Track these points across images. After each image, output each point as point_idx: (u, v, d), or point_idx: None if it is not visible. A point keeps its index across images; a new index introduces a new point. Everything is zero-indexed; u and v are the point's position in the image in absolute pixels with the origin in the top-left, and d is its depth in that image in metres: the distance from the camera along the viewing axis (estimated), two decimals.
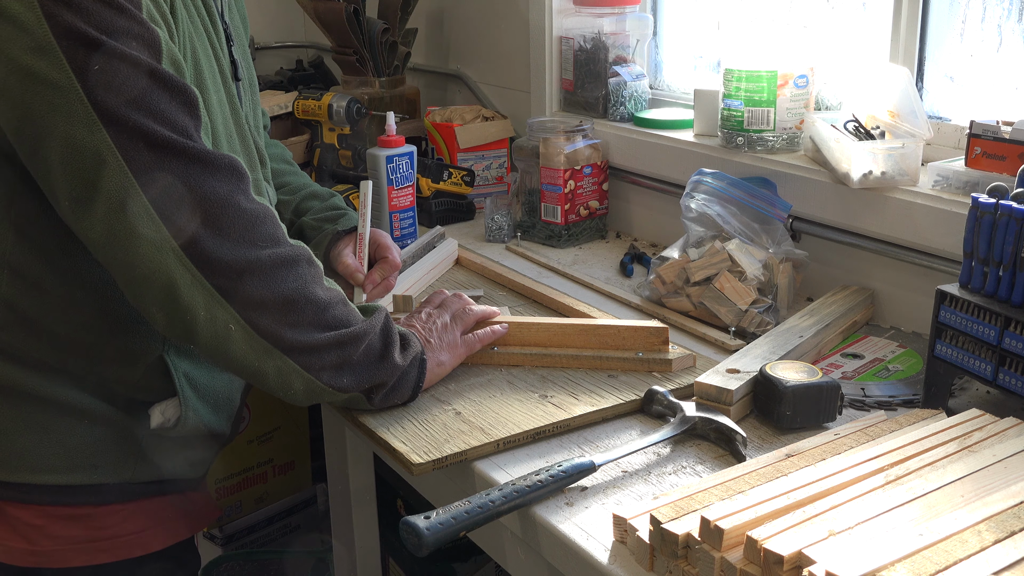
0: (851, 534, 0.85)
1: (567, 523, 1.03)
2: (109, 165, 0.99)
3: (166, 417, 1.19)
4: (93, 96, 0.98)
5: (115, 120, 0.99)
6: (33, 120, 0.99)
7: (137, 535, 1.20)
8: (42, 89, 0.98)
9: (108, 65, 0.99)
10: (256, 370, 1.10)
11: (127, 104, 1.00)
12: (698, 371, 1.31)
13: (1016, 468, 0.96)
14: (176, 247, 1.02)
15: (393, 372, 1.20)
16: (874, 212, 1.51)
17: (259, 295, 1.07)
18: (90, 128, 0.99)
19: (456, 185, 2.12)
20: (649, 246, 1.95)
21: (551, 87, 2.19)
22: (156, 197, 1.01)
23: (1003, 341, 1.13)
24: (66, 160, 1.00)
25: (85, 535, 1.17)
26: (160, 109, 1.01)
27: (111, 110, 0.99)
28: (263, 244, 1.08)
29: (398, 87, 2.45)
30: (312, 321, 1.11)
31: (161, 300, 1.05)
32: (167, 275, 1.03)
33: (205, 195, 1.04)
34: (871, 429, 1.12)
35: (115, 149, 0.99)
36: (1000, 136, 1.37)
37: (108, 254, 1.04)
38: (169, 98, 1.02)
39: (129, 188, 1.00)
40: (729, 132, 1.73)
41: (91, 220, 1.02)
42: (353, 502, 1.80)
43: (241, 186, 1.08)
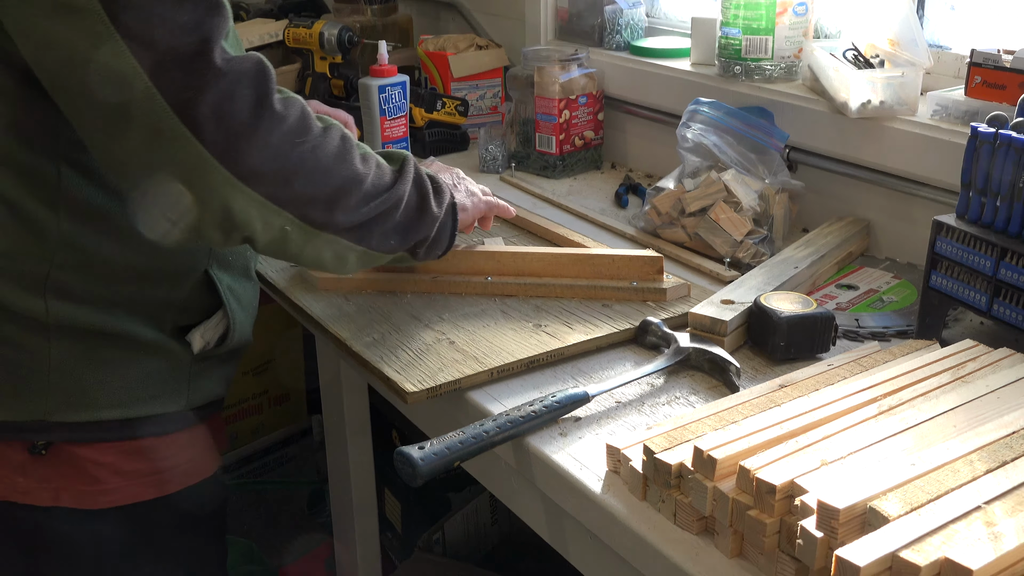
0: (843, 464, 0.85)
1: (561, 453, 1.04)
2: (137, 89, 0.94)
3: (206, 340, 1.20)
4: (114, 15, 0.93)
5: (139, 39, 0.94)
6: (52, 47, 0.94)
7: (193, 462, 1.22)
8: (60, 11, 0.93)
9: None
10: (314, 258, 1.12)
11: (149, 20, 0.94)
12: (692, 302, 1.31)
13: (1009, 399, 0.96)
14: (222, 169, 0.99)
15: (433, 223, 1.22)
16: (872, 142, 1.49)
17: (309, 193, 1.06)
18: (114, 50, 0.93)
19: (450, 115, 2.10)
20: (644, 177, 1.94)
21: (546, 15, 2.16)
22: (191, 118, 0.97)
23: (999, 272, 1.13)
24: (92, 88, 0.95)
25: (150, 467, 1.17)
26: (184, 24, 0.96)
27: (133, 28, 0.93)
28: (303, 141, 1.06)
29: (390, 15, 2.41)
30: (358, 199, 1.11)
31: (215, 221, 1.03)
32: (220, 198, 1.01)
33: (241, 107, 0.99)
34: (864, 360, 1.12)
35: (141, 71, 0.94)
36: (1001, 65, 1.35)
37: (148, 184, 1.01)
38: (192, 8, 0.97)
39: (161, 112, 0.95)
40: (726, 61, 1.70)
41: (126, 152, 0.98)
42: (348, 433, 1.81)
43: (272, 87, 1.03)
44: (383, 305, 1.36)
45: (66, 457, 1.13)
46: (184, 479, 1.21)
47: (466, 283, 1.38)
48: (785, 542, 0.83)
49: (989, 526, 0.75)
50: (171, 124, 0.96)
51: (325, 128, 1.09)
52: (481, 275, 1.39)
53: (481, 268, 1.40)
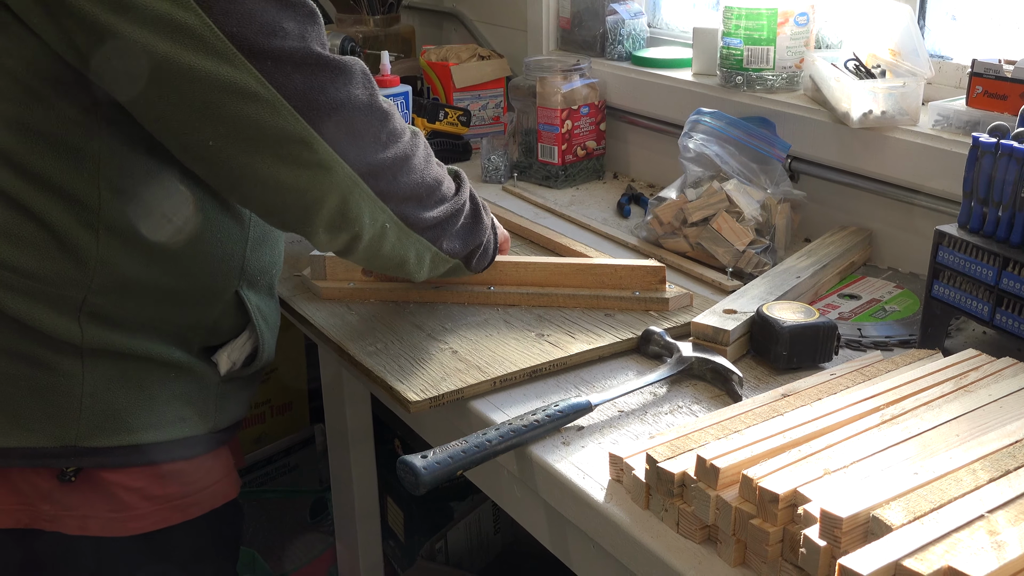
0: (846, 473, 0.85)
1: (563, 462, 1.04)
2: (263, 97, 0.96)
3: (233, 360, 1.19)
4: (227, 28, 0.94)
5: (257, 50, 0.95)
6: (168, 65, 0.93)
7: (218, 484, 1.21)
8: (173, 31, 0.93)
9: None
10: (401, 258, 1.17)
11: (264, 33, 0.96)
12: (695, 311, 1.31)
13: (1011, 408, 0.97)
14: (344, 165, 1.03)
15: (485, 231, 1.28)
16: (873, 152, 1.50)
17: (409, 189, 1.12)
18: (233, 62, 0.95)
19: (452, 125, 2.10)
20: (646, 186, 1.94)
21: (548, 25, 2.16)
22: (314, 118, 1.00)
23: (1001, 281, 1.13)
24: (212, 100, 0.95)
25: (179, 491, 1.16)
26: (292, 30, 0.98)
27: (250, 40, 0.95)
28: (401, 136, 1.11)
29: (393, 25, 2.42)
30: (438, 198, 1.17)
31: (329, 219, 1.06)
32: (340, 195, 1.04)
33: (356, 105, 1.03)
34: (867, 369, 1.12)
35: (264, 80, 0.96)
36: (1002, 75, 1.35)
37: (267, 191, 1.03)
38: (294, 15, 0.99)
39: (289, 117, 0.98)
40: (728, 71, 1.71)
41: (247, 159, 1.00)
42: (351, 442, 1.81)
43: (375, 85, 1.08)
44: (386, 314, 1.36)
45: (96, 483, 1.11)
46: (210, 502, 1.20)
47: (468, 293, 1.39)
48: (788, 551, 0.83)
49: (992, 535, 0.75)
50: (298, 128, 0.99)
51: (413, 131, 1.16)
52: (483, 285, 1.39)
53: (483, 278, 1.40)
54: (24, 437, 1.07)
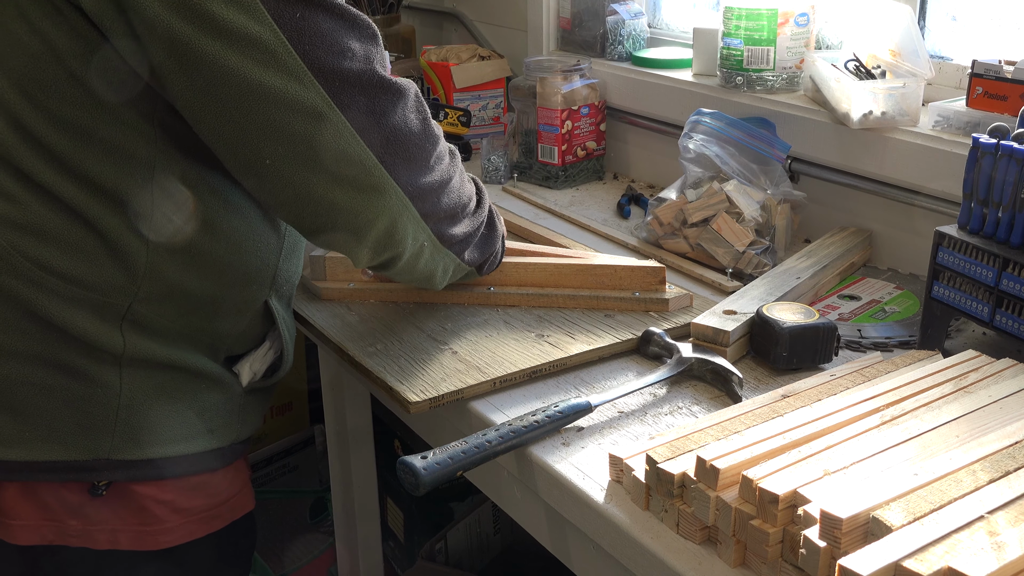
0: (846, 474, 0.85)
1: (563, 463, 1.04)
2: (327, 117, 0.97)
3: (254, 371, 1.19)
4: (299, 47, 0.94)
5: (326, 71, 0.96)
6: (231, 78, 0.93)
7: (238, 496, 1.20)
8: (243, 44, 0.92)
9: (308, 13, 0.95)
10: (430, 273, 1.20)
11: (334, 54, 0.96)
12: (695, 312, 1.31)
13: (1011, 409, 0.97)
14: (397, 188, 1.04)
15: (499, 239, 1.31)
16: (873, 153, 1.50)
17: (447, 208, 1.13)
18: (302, 81, 0.95)
19: (452, 125, 2.10)
20: (646, 187, 1.94)
21: (548, 25, 2.16)
22: (373, 141, 1.01)
23: (1001, 282, 1.13)
24: (275, 118, 0.95)
25: (205, 503, 1.15)
26: (358, 51, 0.99)
27: (321, 60, 0.95)
28: (443, 157, 1.12)
29: (393, 25, 2.42)
30: (468, 214, 1.19)
31: (376, 239, 1.07)
32: (390, 216, 1.05)
33: (411, 126, 1.05)
34: (867, 370, 1.12)
35: (331, 101, 0.97)
36: (1002, 76, 1.35)
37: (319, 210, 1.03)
38: (360, 36, 1.00)
39: (350, 138, 0.99)
40: (728, 71, 1.71)
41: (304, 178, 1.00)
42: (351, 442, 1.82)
43: (426, 107, 1.09)
44: (385, 315, 1.36)
45: (127, 496, 1.09)
46: (230, 515, 1.19)
47: (468, 293, 1.39)
48: (788, 552, 0.83)
49: (992, 536, 0.75)
50: (358, 151, 1.00)
51: (451, 151, 1.17)
52: (483, 285, 1.39)
53: (483, 279, 1.40)
54: (57, 450, 1.05)
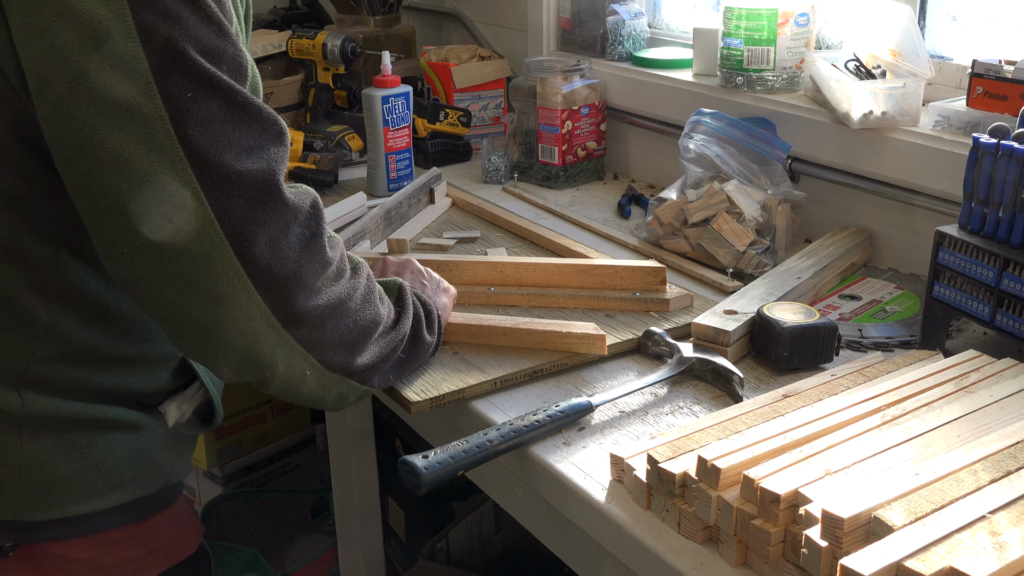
0: (847, 473, 0.85)
1: (564, 462, 1.04)
2: (193, 213, 0.86)
3: (181, 412, 1.11)
4: (182, 130, 0.84)
5: (202, 158, 0.85)
6: (96, 148, 0.84)
7: (174, 542, 1.14)
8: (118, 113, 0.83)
9: (200, 94, 0.85)
10: (319, 399, 1.05)
11: (219, 144, 0.86)
12: (695, 312, 1.31)
13: (1012, 408, 0.97)
14: (264, 307, 0.92)
15: (426, 352, 1.18)
16: (874, 153, 1.50)
17: (338, 336, 1.01)
18: (174, 167, 0.84)
19: (452, 126, 2.10)
20: (647, 187, 1.94)
21: (548, 26, 2.16)
22: (244, 254, 0.89)
23: (1001, 282, 1.13)
24: (135, 202, 0.85)
25: (131, 556, 1.08)
26: (251, 148, 0.89)
27: (202, 149, 0.85)
28: (339, 283, 1.00)
29: (393, 26, 2.42)
30: (374, 341, 1.07)
31: (237, 360, 0.95)
32: (251, 337, 0.93)
33: (293, 246, 0.93)
34: (868, 370, 1.12)
35: (203, 195, 0.86)
36: (1002, 76, 1.35)
37: (175, 313, 0.92)
38: (259, 133, 0.90)
39: (216, 242, 0.87)
40: (728, 72, 1.71)
41: (158, 275, 0.89)
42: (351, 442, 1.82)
43: (322, 226, 0.97)
44: None
45: (36, 558, 1.02)
46: (166, 561, 1.12)
47: (469, 293, 1.39)
48: (789, 551, 0.83)
49: (993, 536, 0.75)
50: (223, 255, 0.88)
51: (355, 268, 1.05)
52: (484, 285, 1.40)
53: (484, 278, 1.40)
54: None
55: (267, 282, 0.91)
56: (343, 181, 1.98)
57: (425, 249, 1.62)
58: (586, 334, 1.23)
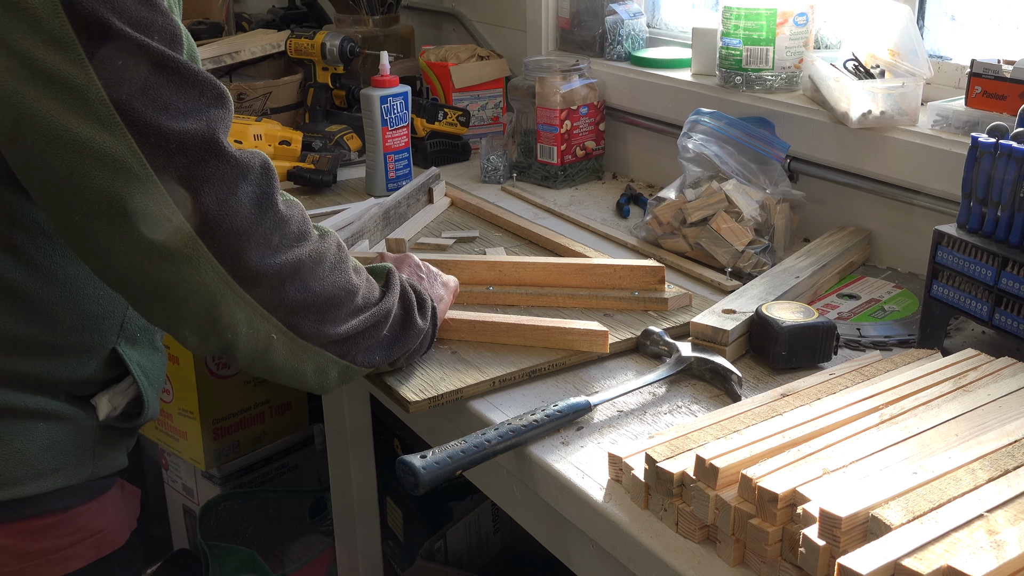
0: (845, 472, 0.85)
1: (562, 462, 1.04)
2: (135, 174, 0.88)
3: (113, 405, 1.11)
4: (116, 96, 0.87)
5: (141, 123, 0.88)
6: (36, 122, 0.87)
7: (103, 533, 1.12)
8: (53, 86, 0.86)
9: (131, 61, 0.87)
10: (295, 371, 1.06)
11: (154, 107, 0.89)
12: (694, 311, 1.31)
13: (1010, 407, 0.97)
14: (217, 265, 0.93)
15: (417, 336, 1.17)
16: (873, 152, 1.50)
17: (302, 299, 1.01)
18: (112, 132, 0.87)
19: (451, 125, 2.10)
20: (646, 187, 1.94)
21: (547, 25, 2.16)
22: (191, 211, 0.91)
23: (1000, 281, 1.13)
24: (79, 168, 0.88)
25: (56, 545, 1.07)
26: (189, 110, 0.91)
27: (138, 113, 0.88)
28: (302, 244, 1.01)
29: (392, 26, 2.42)
30: (349, 310, 1.06)
31: (198, 322, 0.96)
32: (207, 296, 0.94)
33: (243, 203, 0.94)
34: (866, 369, 1.12)
35: (143, 156, 0.88)
36: (1001, 75, 1.35)
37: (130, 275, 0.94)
38: (197, 96, 0.91)
39: (160, 201, 0.89)
40: (727, 71, 1.71)
41: (109, 238, 0.91)
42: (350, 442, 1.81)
43: (274, 185, 0.99)
44: None
45: None
46: (93, 553, 1.11)
47: (468, 292, 1.39)
48: (787, 551, 0.83)
49: (991, 534, 0.75)
50: (168, 214, 0.90)
51: (323, 235, 1.06)
52: (483, 284, 1.40)
53: (483, 278, 1.40)
54: None
55: (217, 238, 0.93)
56: (342, 181, 1.98)
57: (424, 249, 1.62)
58: (589, 331, 1.23)
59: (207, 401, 2.08)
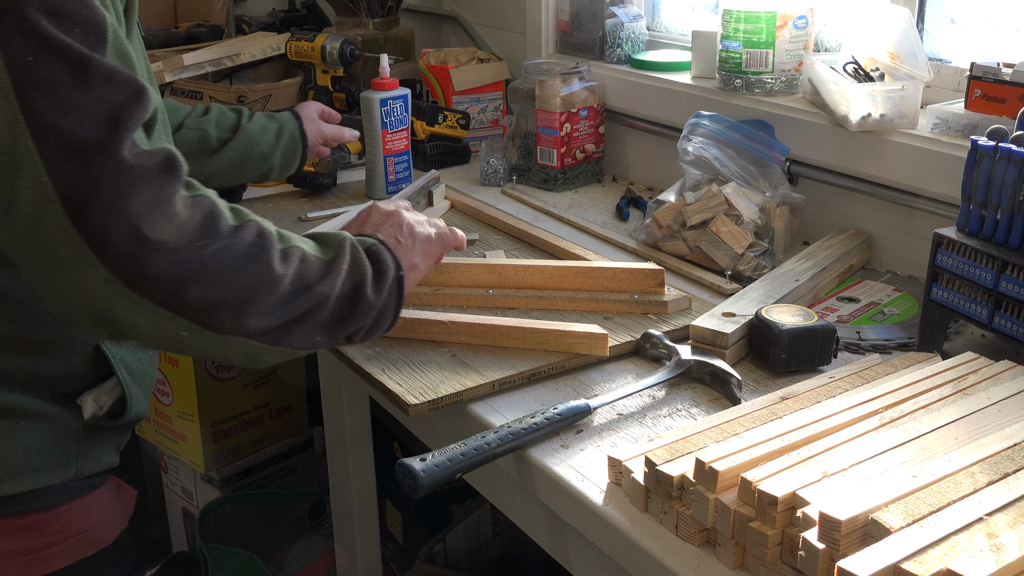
0: (845, 476, 0.85)
1: (562, 465, 1.04)
2: (26, 173, 0.85)
3: (99, 405, 1.10)
4: (22, 92, 0.84)
5: (41, 121, 0.85)
6: None
7: (88, 533, 1.12)
8: None
9: (44, 58, 0.85)
10: (221, 357, 1.02)
11: (60, 102, 0.85)
12: (694, 314, 1.31)
13: (1010, 411, 0.97)
14: (104, 271, 0.88)
15: (368, 312, 1.07)
16: (872, 155, 1.50)
17: (209, 299, 0.94)
18: (11, 128, 0.84)
19: (451, 128, 2.10)
20: (645, 190, 1.94)
21: (547, 28, 2.16)
22: (81, 214, 0.86)
23: (999, 284, 1.13)
24: None
25: (38, 543, 1.07)
26: (96, 110, 0.87)
27: (41, 113, 0.85)
28: (205, 243, 0.94)
29: (392, 28, 2.42)
30: (274, 302, 0.98)
31: (96, 322, 0.92)
32: (97, 301, 0.90)
33: (137, 207, 0.89)
34: (866, 372, 1.12)
35: (37, 154, 0.85)
36: (1000, 78, 1.35)
37: (29, 272, 0.92)
38: (111, 95, 0.88)
39: (51, 205, 0.86)
40: (727, 74, 1.71)
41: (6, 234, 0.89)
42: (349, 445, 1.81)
43: (177, 186, 0.93)
44: None
45: None
46: (78, 552, 1.10)
47: (468, 296, 1.39)
48: (787, 554, 0.83)
49: (991, 538, 0.75)
50: (57, 217, 0.86)
51: (237, 227, 0.98)
52: (482, 287, 1.39)
53: (482, 281, 1.40)
54: None
55: (106, 246, 0.88)
56: (342, 183, 1.98)
57: None
58: (589, 333, 1.23)
59: (206, 404, 2.08)
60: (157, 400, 2.15)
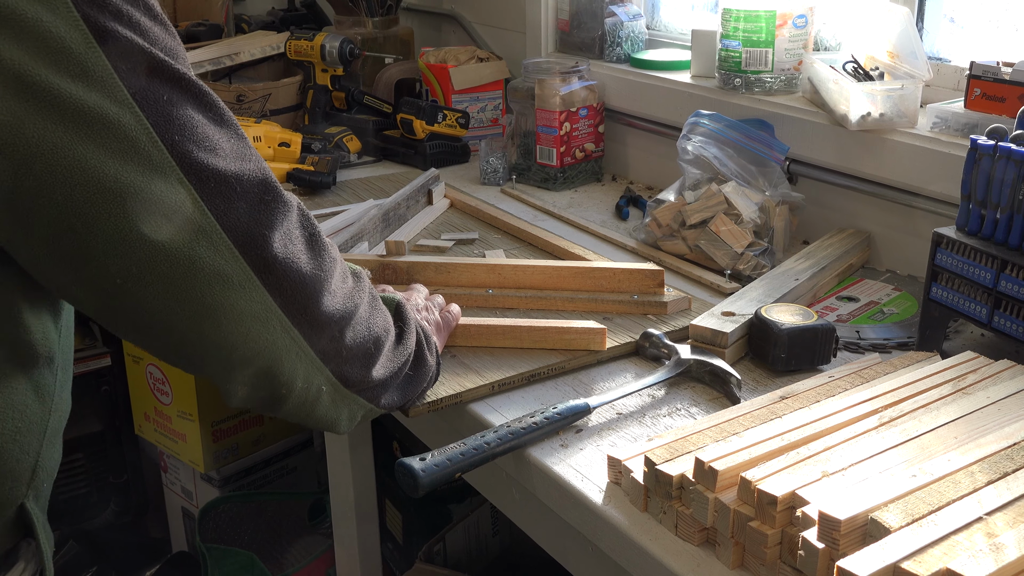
0: (844, 475, 0.85)
1: (562, 464, 1.04)
2: (198, 225, 0.77)
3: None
4: (168, 137, 0.74)
5: (200, 168, 0.76)
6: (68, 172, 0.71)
7: None
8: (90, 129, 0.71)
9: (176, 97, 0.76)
10: (332, 421, 0.97)
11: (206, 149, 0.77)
12: (693, 314, 1.31)
13: (1010, 410, 0.97)
14: (284, 318, 0.83)
15: (427, 376, 1.09)
16: (872, 154, 1.50)
17: (356, 344, 0.92)
18: (167, 178, 0.74)
19: (451, 127, 2.10)
20: (645, 189, 1.94)
21: (547, 27, 2.16)
22: (257, 260, 0.80)
23: (999, 284, 1.13)
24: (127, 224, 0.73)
25: None
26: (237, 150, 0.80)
27: (192, 156, 0.76)
28: (346, 283, 0.92)
29: (391, 27, 2.42)
30: (386, 351, 0.98)
31: (254, 377, 0.85)
32: (273, 352, 0.84)
33: (300, 247, 0.85)
34: (866, 371, 1.12)
35: (203, 205, 0.77)
36: (1000, 77, 1.35)
37: (187, 339, 0.81)
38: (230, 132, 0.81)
39: (228, 254, 0.79)
40: (727, 73, 1.71)
41: (165, 302, 0.78)
42: (349, 444, 1.81)
43: (314, 222, 0.88)
44: None
45: None
46: None
47: (467, 296, 1.38)
48: (786, 553, 0.83)
49: (990, 537, 0.75)
50: (236, 267, 0.79)
51: (356, 274, 0.96)
52: (482, 288, 1.39)
53: (482, 281, 1.40)
54: None
55: (284, 289, 0.83)
56: (341, 183, 1.98)
57: (423, 251, 1.62)
58: (587, 328, 1.23)
59: (206, 403, 2.08)
60: (157, 399, 2.15)
